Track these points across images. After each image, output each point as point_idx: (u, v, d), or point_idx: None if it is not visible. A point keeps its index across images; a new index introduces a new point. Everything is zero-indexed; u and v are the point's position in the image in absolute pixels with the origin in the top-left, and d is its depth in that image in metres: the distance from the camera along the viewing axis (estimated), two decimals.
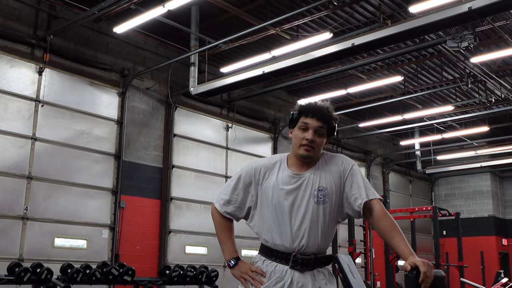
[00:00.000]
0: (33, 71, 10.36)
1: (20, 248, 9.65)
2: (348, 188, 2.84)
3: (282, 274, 2.73)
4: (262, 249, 2.86)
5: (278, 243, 2.76)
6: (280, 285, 2.71)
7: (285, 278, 2.72)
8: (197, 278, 9.60)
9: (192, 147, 13.08)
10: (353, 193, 2.83)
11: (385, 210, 2.81)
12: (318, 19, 11.56)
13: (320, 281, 2.77)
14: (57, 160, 10.49)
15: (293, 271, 2.73)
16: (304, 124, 2.83)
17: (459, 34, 10.28)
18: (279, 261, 2.75)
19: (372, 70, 14.56)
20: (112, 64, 11.63)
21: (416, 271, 2.52)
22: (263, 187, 2.83)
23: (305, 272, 2.74)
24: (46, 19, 10.66)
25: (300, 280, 2.72)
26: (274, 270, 2.75)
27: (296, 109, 2.93)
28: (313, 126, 2.82)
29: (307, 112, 2.85)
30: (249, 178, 2.87)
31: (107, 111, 11.48)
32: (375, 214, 2.78)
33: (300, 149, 2.82)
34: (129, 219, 11.37)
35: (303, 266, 2.74)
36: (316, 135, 2.82)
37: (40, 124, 10.30)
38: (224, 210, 2.96)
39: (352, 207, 2.83)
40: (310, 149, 2.80)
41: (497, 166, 20.82)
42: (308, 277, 2.74)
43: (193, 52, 11.45)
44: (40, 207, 10.08)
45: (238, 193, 2.90)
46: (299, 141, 2.82)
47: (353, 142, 18.67)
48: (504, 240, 21.54)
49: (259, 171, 2.87)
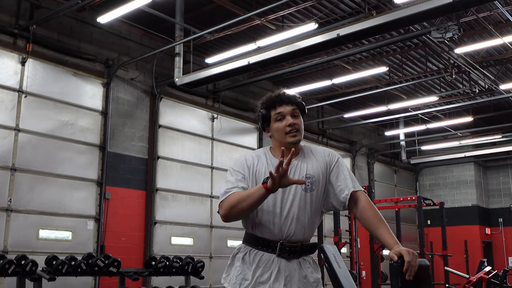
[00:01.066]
0: (16, 61, 10.25)
1: (4, 240, 9.58)
2: (334, 179, 2.88)
3: (269, 263, 2.74)
4: (247, 238, 2.85)
5: (265, 231, 2.76)
6: (268, 274, 2.72)
7: (272, 267, 2.73)
8: (183, 269, 9.63)
9: (177, 138, 13.06)
10: (339, 184, 2.87)
11: (371, 201, 2.86)
12: (303, 10, 11.55)
13: (306, 269, 2.81)
14: (41, 151, 10.41)
15: (280, 259, 2.74)
16: (279, 114, 2.87)
17: (443, 24, 10.33)
18: (265, 249, 2.76)
19: (357, 60, 14.59)
20: (96, 55, 11.54)
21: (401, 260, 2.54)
22: (255, 176, 2.83)
23: (292, 260, 2.76)
24: (28, 8, 10.54)
25: (287, 269, 2.74)
26: (261, 259, 2.75)
27: (262, 108, 2.94)
28: (287, 111, 2.86)
29: (275, 103, 2.89)
30: (242, 168, 2.85)
31: (91, 101, 11.41)
32: (361, 204, 2.83)
33: (287, 137, 2.85)
34: (114, 211, 11.34)
35: (290, 254, 2.75)
36: (293, 117, 2.86)
37: (23, 115, 10.20)
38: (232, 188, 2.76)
39: (338, 197, 2.86)
40: (297, 133, 2.85)
41: (481, 156, 21.01)
42: (294, 266, 2.76)
43: (178, 43, 11.39)
44: (24, 199, 10.01)
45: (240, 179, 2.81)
46: (282, 130, 2.86)
47: (339, 132, 18.74)
48: (487, 229, 21.79)
49: (250, 161, 2.87)
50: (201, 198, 13.33)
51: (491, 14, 11.69)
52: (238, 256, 2.83)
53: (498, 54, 14.22)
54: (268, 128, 2.95)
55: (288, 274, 2.73)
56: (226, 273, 2.88)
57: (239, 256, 2.82)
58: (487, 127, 18.93)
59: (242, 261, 2.79)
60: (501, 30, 12.27)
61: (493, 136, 19.35)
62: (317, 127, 17.89)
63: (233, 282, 2.78)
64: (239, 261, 2.81)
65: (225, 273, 2.89)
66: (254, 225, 2.80)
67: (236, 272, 2.80)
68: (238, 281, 2.76)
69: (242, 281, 2.75)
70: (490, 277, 9.16)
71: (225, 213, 2.70)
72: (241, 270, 2.78)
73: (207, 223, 13.34)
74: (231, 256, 2.89)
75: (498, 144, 19.95)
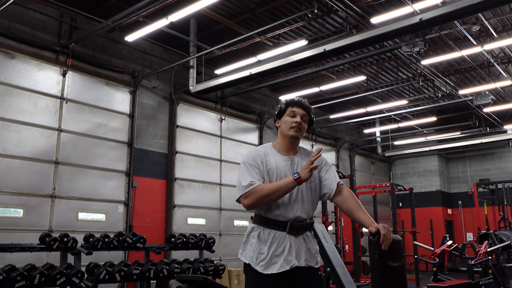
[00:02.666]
0: (58, 73, 10.25)
1: (50, 222, 9.62)
2: (324, 174, 2.98)
3: (281, 239, 2.78)
4: (259, 220, 2.84)
5: (278, 214, 2.80)
6: (282, 248, 2.76)
7: (284, 242, 2.78)
8: (197, 244, 9.63)
9: (192, 136, 13.05)
10: (327, 178, 2.96)
11: (352, 192, 2.95)
12: (295, 29, 11.54)
13: (309, 243, 2.88)
14: (79, 148, 10.42)
15: (289, 236, 2.79)
16: (292, 112, 2.95)
17: (412, 40, 10.32)
18: (277, 228, 2.79)
19: (341, 71, 14.57)
20: (124, 67, 11.53)
21: (377, 235, 2.55)
22: (268, 169, 2.85)
23: (298, 236, 2.82)
24: (68, 29, 10.54)
25: (296, 243, 2.80)
26: (274, 236, 2.78)
27: (283, 103, 3.02)
28: (299, 113, 2.94)
29: (294, 104, 2.97)
30: (254, 161, 2.86)
31: (120, 106, 11.41)
32: (345, 193, 2.92)
33: (290, 130, 2.92)
34: (140, 196, 11.35)
35: (298, 231, 2.82)
36: (302, 120, 2.94)
37: (64, 118, 10.21)
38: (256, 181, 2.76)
39: (329, 186, 2.93)
40: (298, 130, 2.92)
41: (443, 149, 20.97)
42: (301, 240, 2.83)
43: (192, 57, 11.38)
44: (66, 187, 10.02)
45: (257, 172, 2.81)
46: (289, 124, 2.93)
47: (325, 130, 18.73)
48: (449, 210, 21.78)
49: (260, 156, 2.89)
50: (212, 186, 13.32)
51: (452, 32, 11.67)
52: (253, 234, 2.84)
53: (457, 64, 14.19)
54: (279, 120, 3.01)
55: (297, 247, 2.79)
56: (242, 249, 2.88)
57: (254, 234, 2.83)
58: (448, 125, 18.90)
59: (258, 238, 2.80)
60: (460, 44, 12.25)
61: (453, 133, 19.33)
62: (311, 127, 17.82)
63: (250, 256, 2.80)
64: (255, 238, 2.81)
65: (241, 249, 2.89)
66: (267, 209, 2.81)
67: (252, 248, 2.81)
68: (255, 255, 2.77)
69: (259, 255, 2.76)
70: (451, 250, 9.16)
71: (253, 202, 2.73)
72: (257, 246, 2.79)
73: (217, 206, 13.34)
74: (246, 235, 2.89)
75: (458, 139, 19.93)
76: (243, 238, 2.92)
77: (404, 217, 17.92)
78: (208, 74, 12.91)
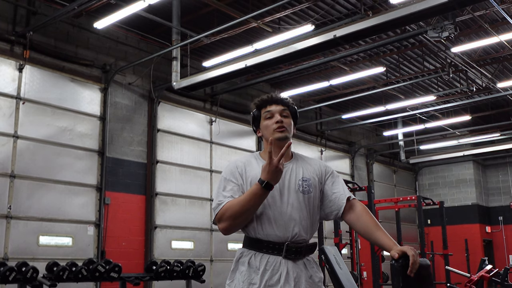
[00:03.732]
0: (13, 68, 10.25)
1: (5, 247, 9.58)
2: (329, 186, 2.91)
3: (277, 265, 2.69)
4: (249, 243, 2.78)
5: (270, 233, 2.72)
6: (277, 277, 2.67)
7: (280, 269, 2.68)
8: (184, 273, 9.60)
9: (176, 141, 13.05)
10: (335, 191, 2.89)
11: (366, 208, 2.88)
12: (299, 11, 11.57)
13: (311, 269, 2.79)
14: (40, 157, 10.41)
15: (286, 261, 2.70)
16: (268, 112, 2.91)
17: (439, 24, 10.34)
18: (271, 252, 2.71)
19: (354, 61, 14.61)
20: (93, 60, 11.54)
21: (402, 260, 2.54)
22: (248, 181, 2.80)
23: (298, 262, 2.74)
24: (25, 15, 10.55)
25: (294, 270, 2.70)
26: (267, 262, 2.70)
27: (253, 108, 3.00)
28: (276, 110, 2.91)
29: (265, 103, 2.95)
30: (233, 176, 2.84)
31: (89, 107, 11.41)
32: (358, 210, 2.84)
33: (275, 133, 2.85)
34: (114, 216, 11.33)
35: (296, 255, 2.73)
36: (283, 117, 2.89)
37: (21, 122, 10.21)
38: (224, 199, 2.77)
39: (336, 203, 2.86)
40: (284, 129, 2.86)
41: (480, 154, 21.02)
42: (301, 267, 2.74)
43: (175, 47, 11.40)
44: (24, 206, 10.00)
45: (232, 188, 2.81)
46: (270, 127, 2.88)
47: (337, 133, 18.75)
48: (487, 227, 21.80)
49: (241, 167, 2.86)
50: (200, 202, 13.32)
51: (487, 13, 11.71)
52: (243, 261, 2.77)
53: (495, 52, 14.24)
54: (259, 129, 2.98)
55: (296, 275, 2.70)
56: (230, 279, 2.82)
57: (244, 261, 2.76)
58: (485, 125, 18.95)
59: (248, 265, 2.73)
60: (497, 28, 12.29)
61: (491, 135, 19.36)
62: (315, 129, 17.89)
63: (239, 287, 2.73)
64: (245, 265, 2.74)
65: (228, 279, 2.83)
66: (256, 229, 2.74)
67: (242, 277, 2.73)
68: (245, 286, 2.70)
69: (250, 286, 2.69)
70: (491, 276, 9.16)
71: (227, 226, 2.70)
72: (248, 275, 2.71)
73: (207, 226, 13.33)
74: (234, 262, 2.83)
75: (497, 142, 19.97)
76: None
77: (433, 237, 17.89)
78: (195, 67, 12.92)
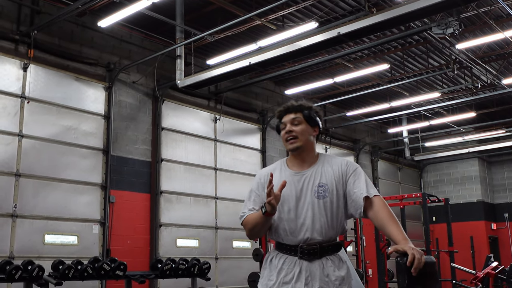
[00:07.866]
0: (18, 67, 10.27)
1: (11, 246, 9.61)
2: (351, 187, 3.00)
3: (292, 265, 2.93)
4: (276, 245, 3.08)
5: (286, 237, 2.98)
6: (290, 276, 2.91)
7: (294, 269, 2.92)
8: (189, 271, 9.62)
9: (180, 140, 13.06)
10: (355, 191, 2.98)
11: (385, 203, 2.95)
12: (303, 9, 11.55)
13: (329, 268, 2.93)
14: (45, 156, 10.43)
15: (301, 261, 2.93)
16: (282, 124, 3.10)
17: (444, 20, 10.32)
18: (288, 253, 2.97)
19: (359, 58, 14.58)
20: (97, 59, 11.56)
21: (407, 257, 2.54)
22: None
23: (314, 261, 2.93)
24: (29, 14, 10.57)
25: (308, 269, 2.91)
26: (285, 262, 2.96)
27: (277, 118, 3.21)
28: (288, 120, 3.06)
29: (281, 114, 3.12)
30: (257, 187, 3.11)
31: (93, 106, 11.42)
32: (375, 206, 2.92)
33: (287, 144, 3.06)
34: (119, 214, 11.35)
35: (311, 256, 2.92)
36: (293, 125, 3.04)
37: (26, 121, 10.23)
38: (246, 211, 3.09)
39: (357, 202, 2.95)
40: (294, 140, 3.03)
41: (485, 151, 20.95)
42: (316, 266, 2.92)
43: (178, 45, 11.40)
44: (29, 204, 10.03)
45: (254, 199, 3.09)
46: (284, 138, 3.09)
47: (341, 131, 18.72)
48: (493, 224, 21.73)
49: (264, 177, 3.09)
50: (205, 200, 13.32)
51: (492, 9, 11.68)
52: (269, 260, 3.07)
53: (500, 48, 14.20)
54: None
55: (309, 274, 2.90)
56: (261, 275, 3.13)
57: (269, 260, 3.06)
58: (490, 122, 18.89)
59: (269, 263, 3.03)
60: (502, 24, 12.25)
61: (496, 131, 19.31)
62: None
63: (262, 284, 3.03)
64: (268, 264, 3.05)
65: (260, 275, 3.15)
66: (276, 233, 3.03)
67: (265, 275, 3.04)
68: (265, 282, 3.00)
69: (268, 282, 2.98)
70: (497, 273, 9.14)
71: (248, 235, 3.12)
72: (268, 272, 3.01)
73: (212, 224, 13.34)
74: (264, 260, 3.15)
75: (502, 139, 19.90)
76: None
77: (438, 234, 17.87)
78: (199, 65, 12.92)
